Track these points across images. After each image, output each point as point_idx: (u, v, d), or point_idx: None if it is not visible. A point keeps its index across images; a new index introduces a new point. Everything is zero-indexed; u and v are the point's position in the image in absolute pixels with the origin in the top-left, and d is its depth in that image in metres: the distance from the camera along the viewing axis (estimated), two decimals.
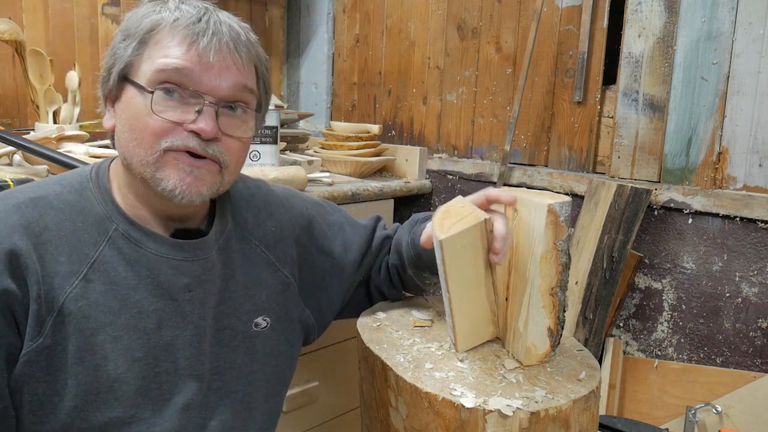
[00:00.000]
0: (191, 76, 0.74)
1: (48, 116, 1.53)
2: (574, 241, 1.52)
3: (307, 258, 0.99)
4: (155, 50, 0.75)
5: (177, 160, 0.75)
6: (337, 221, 1.06)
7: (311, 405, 1.46)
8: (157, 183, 0.75)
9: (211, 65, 0.75)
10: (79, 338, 0.74)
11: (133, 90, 0.76)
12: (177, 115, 0.75)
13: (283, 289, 0.95)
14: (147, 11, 0.77)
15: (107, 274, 0.76)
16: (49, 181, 0.81)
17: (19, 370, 0.72)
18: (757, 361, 1.37)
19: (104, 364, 0.75)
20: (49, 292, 0.73)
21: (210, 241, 0.84)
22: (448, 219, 0.81)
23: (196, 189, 0.76)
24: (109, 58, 0.78)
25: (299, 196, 1.05)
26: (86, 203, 0.78)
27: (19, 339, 0.72)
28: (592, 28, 1.57)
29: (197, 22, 0.75)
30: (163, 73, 0.74)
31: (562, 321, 0.85)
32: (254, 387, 0.90)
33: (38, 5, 1.67)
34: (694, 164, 1.43)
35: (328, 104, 2.26)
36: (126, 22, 0.78)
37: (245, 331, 0.88)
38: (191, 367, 0.81)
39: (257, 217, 0.94)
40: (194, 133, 0.75)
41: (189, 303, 0.81)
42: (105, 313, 0.75)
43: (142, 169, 0.75)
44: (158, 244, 0.80)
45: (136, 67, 0.76)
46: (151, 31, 0.75)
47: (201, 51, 0.74)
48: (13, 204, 0.74)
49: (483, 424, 0.73)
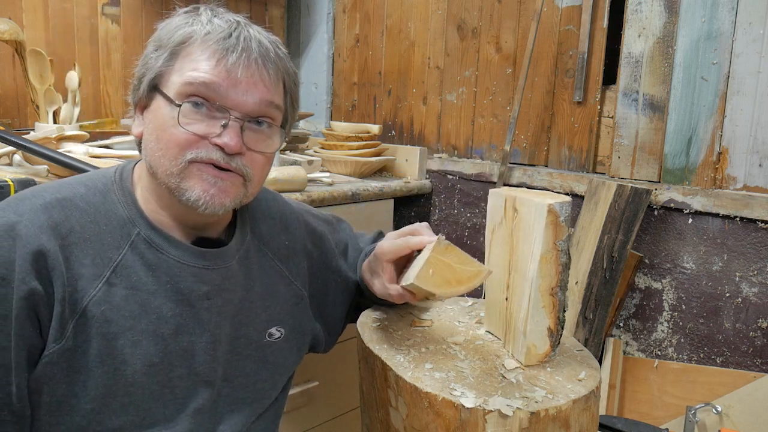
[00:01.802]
0: (219, 91, 0.75)
1: (48, 116, 1.53)
2: (574, 241, 1.52)
3: (317, 273, 1.01)
4: (185, 63, 0.76)
5: (201, 172, 0.76)
6: (343, 240, 1.07)
7: (311, 405, 1.46)
8: (181, 193, 0.76)
9: (238, 81, 0.76)
10: (100, 342, 0.74)
11: (162, 100, 0.77)
12: (203, 128, 0.76)
13: (297, 302, 0.96)
14: (180, 23, 0.78)
15: (129, 279, 0.76)
16: (73, 181, 0.81)
17: (40, 371, 0.72)
18: (757, 361, 1.37)
19: (123, 368, 0.75)
20: (73, 295, 0.73)
21: (231, 251, 0.85)
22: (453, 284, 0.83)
23: (220, 200, 0.77)
24: (140, 67, 0.80)
25: (312, 213, 1.06)
26: (110, 206, 0.79)
27: (41, 340, 0.72)
28: (592, 28, 1.57)
29: (227, 38, 0.76)
30: (191, 86, 0.75)
31: (562, 321, 0.85)
32: (262, 394, 0.91)
33: (38, 5, 1.67)
34: (694, 164, 1.43)
35: (328, 104, 2.26)
36: (159, 32, 0.79)
37: (258, 341, 0.89)
38: (205, 374, 0.82)
39: (272, 230, 0.95)
40: (219, 146, 0.76)
41: (207, 311, 0.81)
42: (126, 318, 0.76)
43: (167, 178, 0.76)
44: (180, 251, 0.80)
45: (167, 77, 0.77)
46: (183, 43, 0.77)
47: (230, 67, 0.75)
48: (40, 204, 0.74)
49: (483, 424, 0.73)
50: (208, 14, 0.79)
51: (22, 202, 0.75)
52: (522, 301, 0.84)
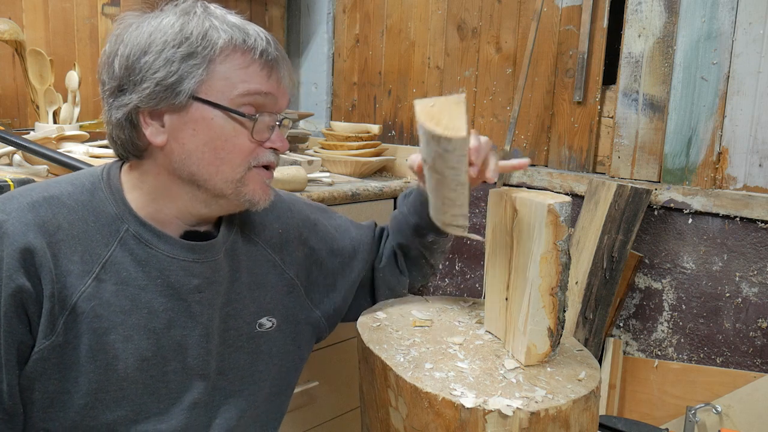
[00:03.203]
0: (273, 100, 0.80)
1: (48, 116, 1.53)
2: (574, 241, 1.52)
3: (317, 260, 1.01)
4: (232, 72, 0.77)
5: (259, 175, 0.82)
6: (342, 224, 1.08)
7: (311, 405, 1.46)
8: (240, 196, 0.80)
9: (285, 88, 0.83)
10: (91, 337, 0.75)
11: (212, 110, 0.77)
12: (265, 136, 0.81)
13: (289, 291, 0.96)
14: (197, 25, 0.76)
15: (118, 275, 0.77)
16: (61, 180, 0.82)
17: (31, 368, 0.73)
18: (757, 361, 1.37)
19: (115, 363, 0.76)
20: (62, 291, 0.73)
21: (218, 243, 0.86)
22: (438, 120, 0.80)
23: (268, 196, 0.84)
24: (163, 72, 0.74)
25: (304, 201, 1.07)
26: (98, 203, 0.79)
27: (31, 337, 0.73)
28: (592, 28, 1.57)
29: (268, 45, 0.79)
30: (250, 96, 0.78)
31: (562, 321, 0.86)
32: (258, 387, 0.91)
33: (38, 5, 1.67)
34: (694, 164, 1.43)
35: (328, 104, 2.26)
36: (178, 36, 0.75)
37: (249, 332, 0.89)
38: (198, 367, 0.83)
39: (264, 220, 0.95)
40: (272, 149, 0.82)
41: (198, 304, 0.82)
42: (116, 313, 0.76)
43: (225, 185, 0.79)
44: (169, 246, 0.80)
45: (207, 85, 0.76)
46: (221, 51, 0.76)
47: (280, 77, 0.81)
48: (27, 202, 0.75)
49: (483, 424, 0.73)
50: (219, 11, 0.80)
51: (9, 201, 0.75)
52: (522, 301, 0.84)
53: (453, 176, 0.82)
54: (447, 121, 0.79)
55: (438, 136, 0.78)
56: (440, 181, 0.84)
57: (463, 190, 0.84)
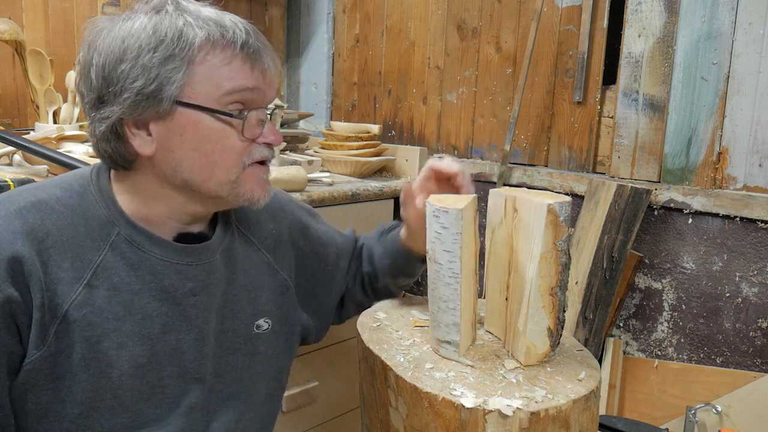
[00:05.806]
0: (260, 94, 0.77)
1: (48, 116, 1.53)
2: (574, 241, 1.52)
3: (303, 263, 1.00)
4: (215, 71, 0.73)
5: (256, 173, 0.79)
6: (328, 230, 1.07)
7: (311, 405, 1.46)
8: (238, 197, 0.78)
9: (270, 79, 0.79)
10: (83, 346, 0.73)
11: (198, 114, 0.73)
12: (257, 132, 0.78)
13: (282, 292, 0.95)
14: (170, 24, 0.72)
15: (110, 280, 0.75)
16: (48, 183, 0.79)
17: (23, 379, 0.71)
18: (757, 361, 1.37)
19: (109, 371, 0.74)
20: (53, 300, 0.71)
21: (213, 245, 0.84)
22: (444, 202, 0.82)
23: (267, 192, 0.81)
24: (142, 80, 0.71)
25: (295, 202, 1.06)
26: (88, 207, 0.76)
27: (21, 347, 0.71)
28: (592, 28, 1.57)
29: (247, 37, 0.75)
30: (237, 94, 0.75)
31: (562, 321, 0.85)
32: (255, 389, 0.90)
33: (38, 5, 1.67)
34: (694, 164, 1.43)
35: (328, 104, 2.26)
36: (152, 39, 0.71)
37: (246, 334, 0.88)
38: (195, 371, 0.81)
39: (259, 220, 0.94)
40: (265, 143, 0.79)
41: (193, 307, 0.80)
42: (109, 320, 0.74)
43: (220, 188, 0.77)
44: (162, 249, 0.78)
45: (190, 89, 0.73)
46: (199, 50, 0.72)
47: (264, 68, 0.77)
48: (14, 209, 0.72)
49: (483, 424, 0.73)
50: (192, 6, 0.75)
51: None
52: (522, 301, 0.84)
53: (448, 263, 0.82)
54: (451, 203, 0.82)
55: (436, 208, 0.80)
56: (437, 272, 0.83)
57: (456, 287, 0.82)
